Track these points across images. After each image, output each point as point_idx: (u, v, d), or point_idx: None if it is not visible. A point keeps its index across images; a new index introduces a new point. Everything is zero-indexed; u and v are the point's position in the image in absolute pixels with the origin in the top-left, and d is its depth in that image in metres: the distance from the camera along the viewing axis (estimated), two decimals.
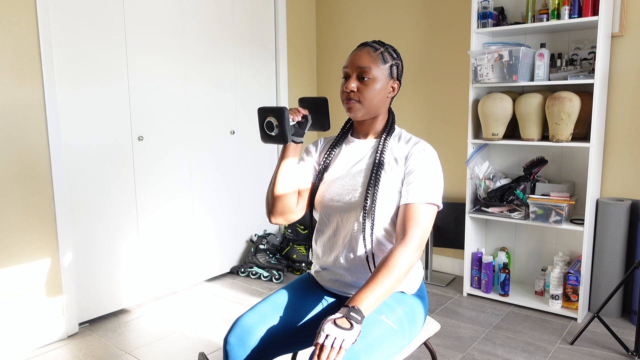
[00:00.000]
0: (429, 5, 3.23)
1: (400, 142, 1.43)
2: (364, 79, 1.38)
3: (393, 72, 1.41)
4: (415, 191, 1.33)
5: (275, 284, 3.21)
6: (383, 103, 1.43)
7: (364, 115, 1.42)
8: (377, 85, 1.38)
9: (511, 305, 2.82)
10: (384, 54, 1.40)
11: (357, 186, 1.39)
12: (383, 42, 1.44)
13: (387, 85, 1.41)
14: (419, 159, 1.37)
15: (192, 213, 3.13)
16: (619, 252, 2.57)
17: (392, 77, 1.42)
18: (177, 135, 2.98)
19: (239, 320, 1.38)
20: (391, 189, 1.37)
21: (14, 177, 2.29)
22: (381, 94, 1.40)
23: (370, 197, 1.35)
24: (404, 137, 1.44)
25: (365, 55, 1.38)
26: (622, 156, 2.66)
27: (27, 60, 2.28)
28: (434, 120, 3.30)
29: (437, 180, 1.36)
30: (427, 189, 1.33)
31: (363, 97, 1.38)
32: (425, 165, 1.36)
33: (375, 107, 1.41)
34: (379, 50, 1.40)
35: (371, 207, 1.35)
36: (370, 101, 1.39)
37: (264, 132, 1.41)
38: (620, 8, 2.56)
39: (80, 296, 2.61)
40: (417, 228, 1.29)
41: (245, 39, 3.34)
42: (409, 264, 1.25)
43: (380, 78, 1.39)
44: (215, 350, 2.38)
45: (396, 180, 1.37)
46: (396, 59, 1.42)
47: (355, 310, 1.15)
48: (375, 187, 1.35)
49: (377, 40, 1.44)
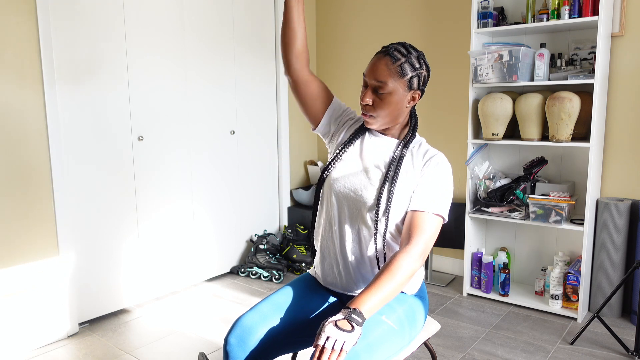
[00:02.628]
0: (428, 5, 3.23)
1: (419, 151, 1.41)
2: (380, 92, 1.34)
3: (413, 83, 1.35)
4: (424, 200, 1.33)
5: (275, 284, 3.21)
6: (401, 113, 1.39)
7: (381, 126, 1.41)
8: (394, 99, 1.35)
9: (511, 305, 2.82)
10: (404, 65, 1.33)
11: (372, 183, 1.38)
12: (408, 49, 1.35)
13: (404, 97, 1.36)
14: (435, 170, 1.37)
15: (192, 213, 3.13)
16: (619, 252, 2.57)
17: (411, 88, 1.36)
18: (177, 135, 2.97)
19: (239, 320, 1.38)
20: (404, 192, 1.37)
21: (14, 177, 2.29)
22: (398, 106, 1.37)
23: (384, 196, 1.35)
24: (423, 147, 1.43)
25: (383, 68, 1.33)
26: (622, 156, 2.66)
27: (27, 60, 2.28)
28: (434, 120, 3.30)
29: (447, 193, 1.36)
30: (437, 200, 1.33)
31: (377, 113, 1.37)
32: (439, 177, 1.36)
33: (392, 118, 1.39)
34: (399, 61, 1.33)
35: (386, 207, 1.34)
36: (387, 115, 1.37)
37: None
38: (620, 8, 2.56)
39: (80, 296, 2.61)
40: (422, 235, 1.29)
41: (245, 39, 3.33)
42: (412, 269, 1.25)
43: (398, 91, 1.34)
44: (215, 350, 2.38)
45: (409, 185, 1.37)
46: (419, 69, 1.35)
47: (356, 312, 1.15)
48: (392, 186, 1.35)
49: (401, 46, 1.36)
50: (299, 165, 3.85)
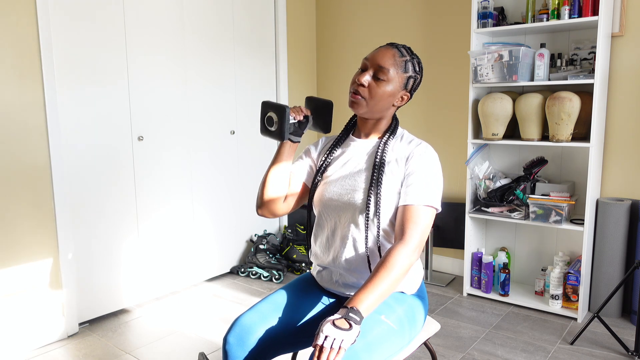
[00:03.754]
0: (429, 5, 3.23)
1: (402, 143, 1.42)
2: (379, 78, 1.36)
3: (409, 83, 1.39)
4: (414, 193, 1.32)
5: (275, 284, 3.21)
6: (387, 108, 1.41)
7: (365, 113, 1.41)
8: (389, 89, 1.37)
9: (511, 305, 2.82)
10: (408, 63, 1.38)
11: (357, 186, 1.39)
12: (413, 52, 1.41)
13: (397, 93, 1.39)
14: (420, 160, 1.36)
15: (192, 213, 3.13)
16: (619, 252, 2.57)
17: (405, 88, 1.40)
18: (177, 135, 2.98)
19: (239, 320, 1.38)
20: (391, 190, 1.36)
21: (14, 177, 2.29)
22: (389, 100, 1.39)
23: (372, 198, 1.35)
24: (406, 138, 1.43)
25: (390, 57, 1.36)
26: (622, 156, 2.66)
27: (27, 60, 2.28)
28: (434, 120, 3.30)
29: (436, 183, 1.35)
30: (427, 191, 1.33)
31: (370, 96, 1.37)
32: (426, 167, 1.35)
33: (379, 110, 1.40)
34: (405, 57, 1.37)
35: (375, 208, 1.35)
36: (376, 103, 1.38)
37: (263, 125, 1.44)
38: (620, 8, 2.55)
39: (80, 296, 2.61)
40: (416, 228, 1.28)
41: (245, 39, 3.34)
42: (408, 263, 1.24)
43: (395, 83, 1.37)
44: (215, 350, 2.38)
45: (396, 182, 1.37)
46: (417, 73, 1.40)
47: (354, 311, 1.15)
48: (378, 188, 1.35)
49: (407, 47, 1.42)
50: None
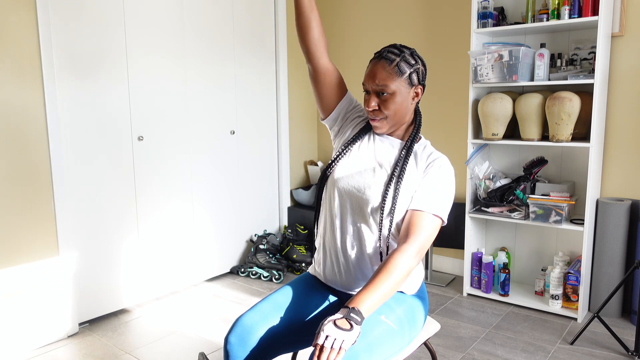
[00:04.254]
0: (428, 5, 3.23)
1: (423, 153, 1.43)
2: (384, 94, 1.37)
3: (413, 79, 1.39)
4: (425, 200, 1.34)
5: (275, 284, 3.21)
6: (407, 111, 1.42)
7: (390, 128, 1.42)
8: (399, 99, 1.38)
9: (511, 305, 2.82)
10: (400, 64, 1.36)
11: (377, 183, 1.39)
12: (400, 48, 1.39)
13: (408, 94, 1.39)
14: (438, 171, 1.38)
15: (192, 213, 3.13)
16: (619, 252, 2.57)
17: (412, 84, 1.39)
18: (177, 135, 2.97)
19: (240, 320, 1.39)
20: (407, 194, 1.38)
21: (14, 177, 2.29)
22: (405, 104, 1.40)
23: (389, 199, 1.36)
24: (428, 150, 1.44)
25: (380, 71, 1.36)
26: (622, 156, 2.66)
27: (27, 60, 2.28)
28: (434, 120, 3.30)
29: (448, 196, 1.37)
30: (437, 201, 1.34)
31: (387, 115, 1.39)
32: (442, 179, 1.37)
33: (401, 117, 1.41)
34: (394, 62, 1.36)
35: (391, 208, 1.35)
36: (394, 115, 1.39)
37: None
38: (620, 8, 2.56)
39: (80, 296, 2.61)
40: (420, 234, 1.30)
41: (245, 39, 3.34)
42: (409, 267, 1.25)
43: (400, 90, 1.37)
44: (215, 350, 2.38)
45: (412, 187, 1.38)
46: (415, 65, 1.38)
47: (355, 311, 1.15)
48: (397, 190, 1.36)
49: (393, 47, 1.39)
50: (299, 165, 3.85)
